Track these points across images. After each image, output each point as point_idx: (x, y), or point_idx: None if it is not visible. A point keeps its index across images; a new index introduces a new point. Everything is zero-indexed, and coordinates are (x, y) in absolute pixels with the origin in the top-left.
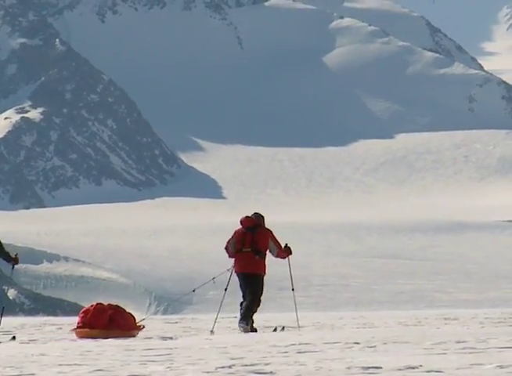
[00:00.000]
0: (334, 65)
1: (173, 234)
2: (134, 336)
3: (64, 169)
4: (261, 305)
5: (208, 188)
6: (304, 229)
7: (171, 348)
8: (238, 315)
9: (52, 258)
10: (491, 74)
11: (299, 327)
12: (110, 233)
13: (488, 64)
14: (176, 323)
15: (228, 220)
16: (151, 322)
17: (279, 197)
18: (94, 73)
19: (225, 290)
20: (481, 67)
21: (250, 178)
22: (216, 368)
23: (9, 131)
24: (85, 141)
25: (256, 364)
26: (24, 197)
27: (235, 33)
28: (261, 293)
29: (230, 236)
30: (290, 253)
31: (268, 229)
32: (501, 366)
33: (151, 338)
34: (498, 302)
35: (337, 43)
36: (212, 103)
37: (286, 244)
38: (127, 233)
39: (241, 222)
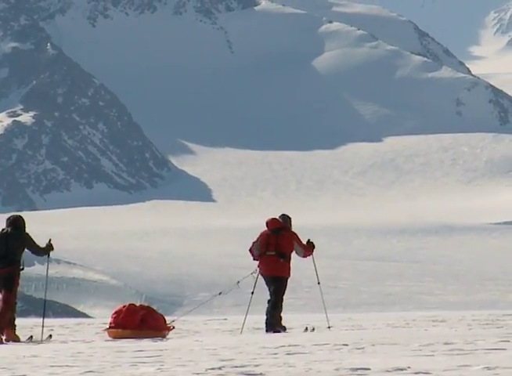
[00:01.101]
0: (323, 69)
1: (163, 236)
2: (164, 336)
3: (56, 172)
4: (282, 305)
5: (198, 191)
6: None
7: (162, 350)
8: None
9: (44, 260)
10: (478, 77)
11: (329, 326)
12: (101, 236)
13: (475, 68)
14: (167, 324)
15: (218, 222)
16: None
17: (269, 199)
18: (85, 77)
19: (252, 293)
20: (468, 71)
21: (240, 181)
22: (206, 370)
23: (0, 135)
24: (76, 144)
25: (246, 366)
26: (16, 199)
27: (225, 37)
28: (283, 294)
29: (255, 238)
30: (314, 247)
31: (293, 232)
32: (488, 368)
33: (142, 339)
34: (485, 304)
35: (326, 47)
36: (202, 106)
37: (309, 240)
38: (118, 235)
39: (267, 224)
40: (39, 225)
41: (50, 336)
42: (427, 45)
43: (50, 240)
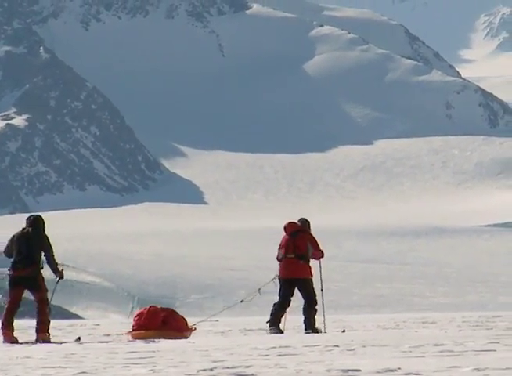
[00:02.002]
0: (314, 72)
1: (156, 239)
2: (186, 337)
3: (48, 175)
4: (317, 305)
5: (190, 193)
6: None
7: (154, 351)
8: (269, 316)
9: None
10: (468, 81)
11: (325, 331)
12: (94, 238)
13: (465, 71)
14: None
15: (209, 225)
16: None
17: (260, 202)
18: (78, 80)
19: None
20: (458, 75)
21: (232, 183)
22: (198, 371)
23: None
24: (69, 147)
25: (237, 367)
26: (9, 202)
27: (216, 41)
28: (315, 294)
29: (279, 245)
30: (322, 255)
31: (310, 233)
32: (478, 369)
33: (134, 340)
34: (475, 306)
35: (317, 51)
36: (194, 109)
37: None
38: (110, 237)
39: (285, 228)
40: None
41: (79, 338)
42: (417, 49)
43: (62, 270)
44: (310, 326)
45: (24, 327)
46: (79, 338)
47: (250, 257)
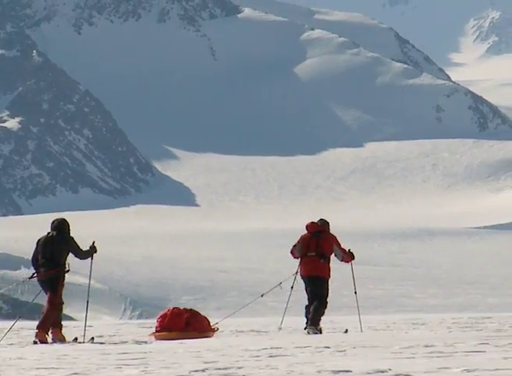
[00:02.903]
0: (305, 75)
1: (148, 241)
2: (209, 337)
3: (41, 177)
4: (327, 307)
5: (182, 196)
6: (275, 236)
7: (146, 352)
8: (304, 317)
9: (30, 264)
10: (458, 84)
11: (361, 330)
12: (86, 240)
13: (455, 75)
14: (151, 327)
15: (201, 227)
16: (126, 326)
17: (252, 204)
18: (70, 83)
19: (291, 288)
20: (448, 78)
21: (223, 186)
22: (190, 372)
23: None
24: (62, 150)
25: (229, 368)
26: (2, 204)
27: (208, 44)
28: (327, 295)
29: (296, 241)
30: (353, 258)
31: (333, 235)
32: (468, 370)
33: (126, 342)
34: (465, 307)
35: (308, 54)
36: (186, 112)
37: (349, 250)
38: (102, 239)
39: (307, 227)
40: (25, 229)
41: (92, 338)
42: (407, 52)
43: (94, 243)
44: (313, 323)
45: (17, 327)
46: (92, 339)
47: (241, 259)
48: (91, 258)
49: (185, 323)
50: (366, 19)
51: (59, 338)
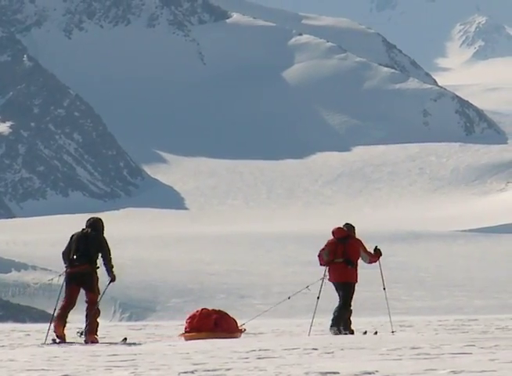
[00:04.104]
0: (293, 80)
1: (137, 244)
2: (237, 338)
3: (32, 181)
4: (352, 309)
5: (171, 199)
6: (264, 239)
7: (136, 354)
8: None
9: (21, 266)
10: (445, 88)
11: (393, 331)
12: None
13: (442, 79)
14: (140, 329)
15: (190, 230)
16: (116, 328)
17: (240, 207)
18: (61, 88)
19: (318, 298)
20: (435, 82)
21: (212, 189)
22: (179, 373)
23: None
24: (52, 154)
25: (217, 369)
26: None
27: (197, 49)
28: (351, 299)
29: (324, 246)
30: (381, 255)
31: (358, 240)
32: (454, 372)
33: (116, 343)
34: (451, 310)
35: (296, 59)
36: (175, 116)
37: (376, 247)
38: None
39: (333, 233)
40: (16, 232)
41: (125, 339)
42: (394, 57)
43: (114, 275)
44: (336, 323)
45: (8, 329)
46: (125, 339)
47: (230, 262)
48: (109, 284)
49: (213, 324)
50: (354, 25)
51: (93, 340)
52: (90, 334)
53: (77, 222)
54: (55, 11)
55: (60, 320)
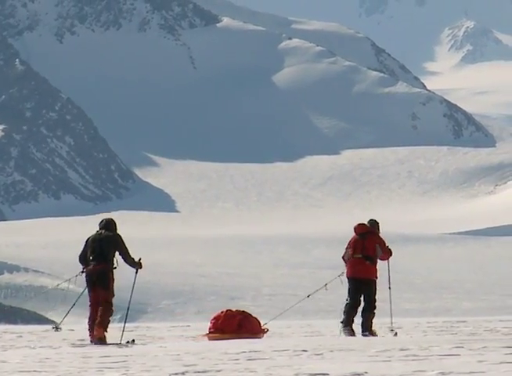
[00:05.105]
0: (283, 84)
1: (128, 246)
2: (260, 338)
3: (24, 184)
4: (376, 307)
5: (162, 202)
6: (254, 242)
7: (127, 356)
8: (340, 318)
9: (13, 268)
10: (433, 92)
11: (395, 332)
12: (68, 245)
13: (430, 83)
14: (131, 331)
15: (181, 232)
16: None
17: (230, 210)
18: (52, 91)
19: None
20: (423, 86)
21: (203, 192)
22: (170, 375)
23: None
24: (44, 157)
25: (208, 371)
26: None
27: (188, 53)
28: (375, 299)
29: (347, 244)
30: (391, 254)
31: (378, 235)
32: (443, 373)
33: (107, 345)
34: (440, 311)
35: (286, 63)
36: (166, 120)
37: (387, 246)
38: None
39: (355, 229)
40: (8, 234)
41: (133, 340)
42: (383, 61)
43: (140, 259)
44: (367, 328)
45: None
46: (133, 341)
47: (220, 264)
48: (136, 273)
49: (237, 325)
50: (343, 29)
51: (100, 333)
52: (99, 327)
53: (68, 225)
54: (47, 15)
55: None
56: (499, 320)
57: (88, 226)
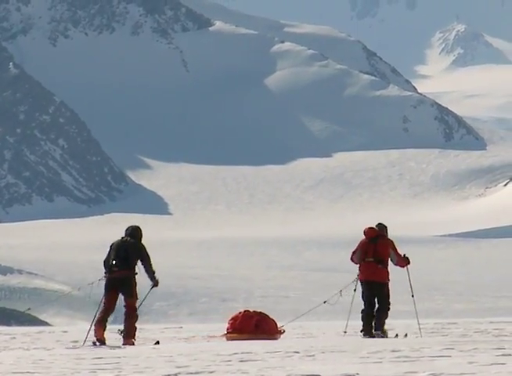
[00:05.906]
0: (275, 87)
1: None
2: (276, 339)
3: (18, 186)
4: (390, 309)
5: (155, 204)
6: (246, 244)
7: (120, 357)
8: (360, 321)
9: (7, 270)
10: (424, 95)
11: (421, 334)
12: (62, 248)
13: (421, 86)
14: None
15: (174, 235)
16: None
17: (223, 213)
18: (46, 95)
19: (354, 290)
20: (415, 89)
21: (195, 195)
22: None
23: None
24: (38, 159)
25: (200, 372)
26: None
27: (180, 56)
28: (389, 299)
29: (355, 247)
30: (409, 262)
31: (389, 240)
32: (434, 374)
33: (100, 346)
34: (431, 313)
35: (278, 66)
36: (159, 123)
37: (405, 254)
38: (78, 247)
39: (365, 232)
40: (2, 237)
41: (157, 342)
42: (374, 65)
43: (157, 278)
44: (379, 327)
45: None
46: (158, 342)
47: (213, 266)
48: (151, 288)
49: (254, 326)
50: (334, 32)
51: (129, 343)
52: (127, 338)
53: (62, 227)
54: (40, 19)
55: (100, 324)
56: (490, 322)
57: (81, 229)
